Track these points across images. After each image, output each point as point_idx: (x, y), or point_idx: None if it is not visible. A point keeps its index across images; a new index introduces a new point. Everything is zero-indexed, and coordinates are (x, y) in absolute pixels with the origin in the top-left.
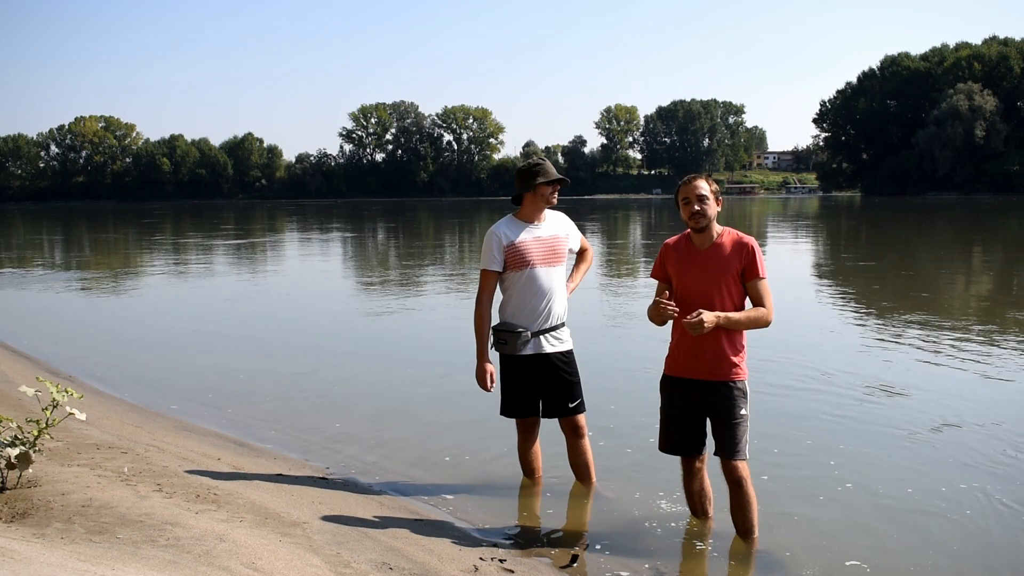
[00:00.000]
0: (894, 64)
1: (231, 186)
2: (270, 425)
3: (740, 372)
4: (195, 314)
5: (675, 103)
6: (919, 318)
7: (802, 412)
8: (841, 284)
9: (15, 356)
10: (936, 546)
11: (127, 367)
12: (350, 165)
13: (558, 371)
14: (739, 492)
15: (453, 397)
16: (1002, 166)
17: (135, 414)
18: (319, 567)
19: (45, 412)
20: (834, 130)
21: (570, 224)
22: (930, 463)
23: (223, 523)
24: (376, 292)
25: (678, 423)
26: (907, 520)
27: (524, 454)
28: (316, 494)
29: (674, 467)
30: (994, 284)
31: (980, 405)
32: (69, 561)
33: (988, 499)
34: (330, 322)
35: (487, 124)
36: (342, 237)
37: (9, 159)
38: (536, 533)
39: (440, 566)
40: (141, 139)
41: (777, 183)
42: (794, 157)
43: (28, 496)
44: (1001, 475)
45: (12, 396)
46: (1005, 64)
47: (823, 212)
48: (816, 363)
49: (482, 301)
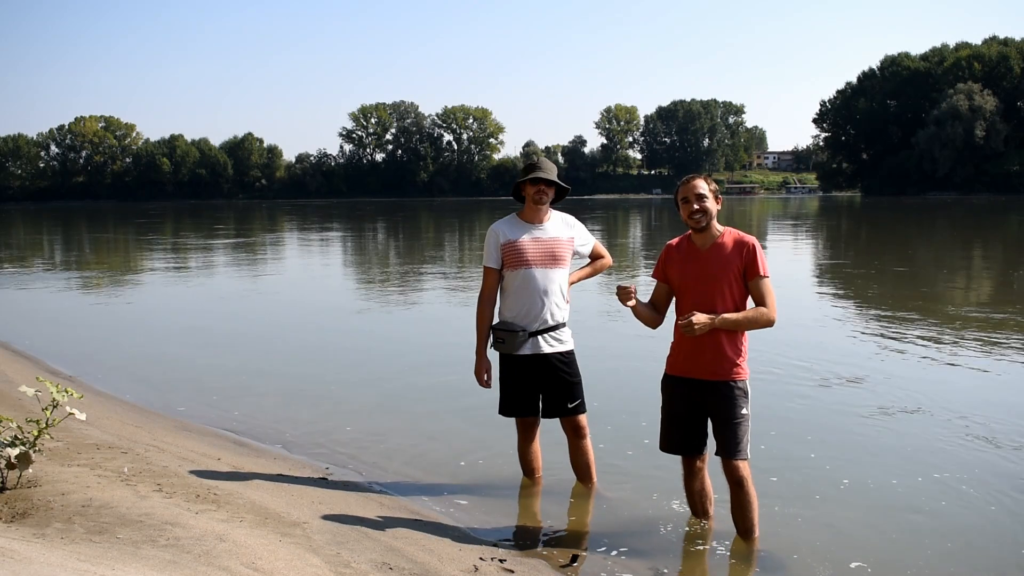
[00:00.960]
0: (894, 64)
1: (231, 186)
2: (270, 425)
3: (741, 372)
4: (194, 314)
5: (675, 103)
6: (918, 318)
7: (801, 411)
8: (841, 284)
9: (15, 356)
10: (936, 545)
11: (127, 367)
12: (350, 165)
13: (558, 371)
14: (740, 492)
15: (453, 397)
16: (1002, 166)
17: (135, 414)
18: (319, 567)
19: (45, 412)
20: (834, 130)
21: (578, 227)
22: (930, 462)
23: (223, 523)
24: (375, 291)
25: (679, 423)
26: (907, 519)
27: (524, 454)
28: (316, 494)
29: (674, 467)
30: (995, 284)
31: (981, 404)
32: (69, 561)
33: (989, 497)
34: (329, 321)
35: (487, 124)
36: (339, 237)
37: (9, 159)
38: (536, 533)
39: (440, 566)
40: (141, 139)
41: (777, 183)
42: (794, 157)
43: (28, 496)
44: (1005, 470)
45: (12, 396)
46: (1005, 64)
47: (822, 212)
48: (810, 361)
49: (482, 298)
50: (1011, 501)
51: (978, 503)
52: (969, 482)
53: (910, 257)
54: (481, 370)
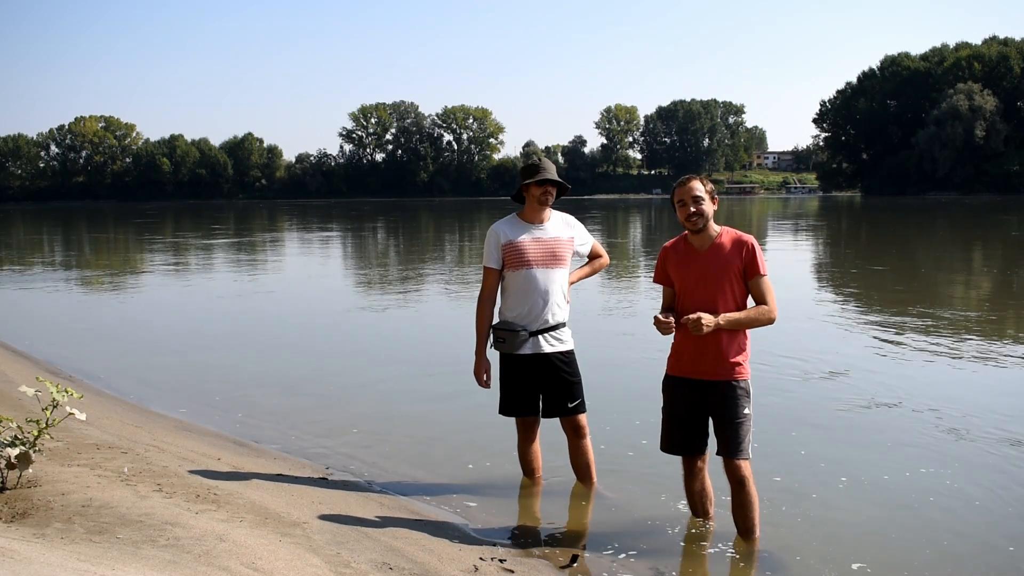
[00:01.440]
0: (894, 64)
1: (231, 186)
2: (270, 425)
3: (743, 371)
4: (194, 313)
5: (675, 103)
6: (917, 314)
7: (798, 409)
8: (840, 283)
9: (15, 356)
10: (937, 543)
11: (127, 367)
12: (350, 165)
13: (558, 371)
14: (741, 491)
15: (454, 397)
16: (1002, 166)
17: (135, 414)
18: (319, 567)
19: (45, 412)
20: (834, 130)
21: (577, 227)
22: (928, 459)
23: (223, 523)
24: (375, 291)
25: (680, 423)
26: (907, 518)
27: (524, 454)
28: (316, 494)
29: (675, 467)
30: (994, 283)
31: (980, 404)
32: (69, 561)
33: (990, 495)
34: (329, 321)
35: (487, 124)
36: (339, 237)
37: (9, 159)
38: (536, 533)
39: (440, 566)
40: (141, 139)
41: (777, 183)
42: (794, 157)
43: (28, 496)
44: (1002, 469)
45: (12, 396)
46: (1005, 64)
47: (822, 212)
48: (806, 359)
49: (483, 298)
50: (1012, 499)
51: (979, 502)
52: (969, 480)
53: (910, 256)
54: (481, 370)
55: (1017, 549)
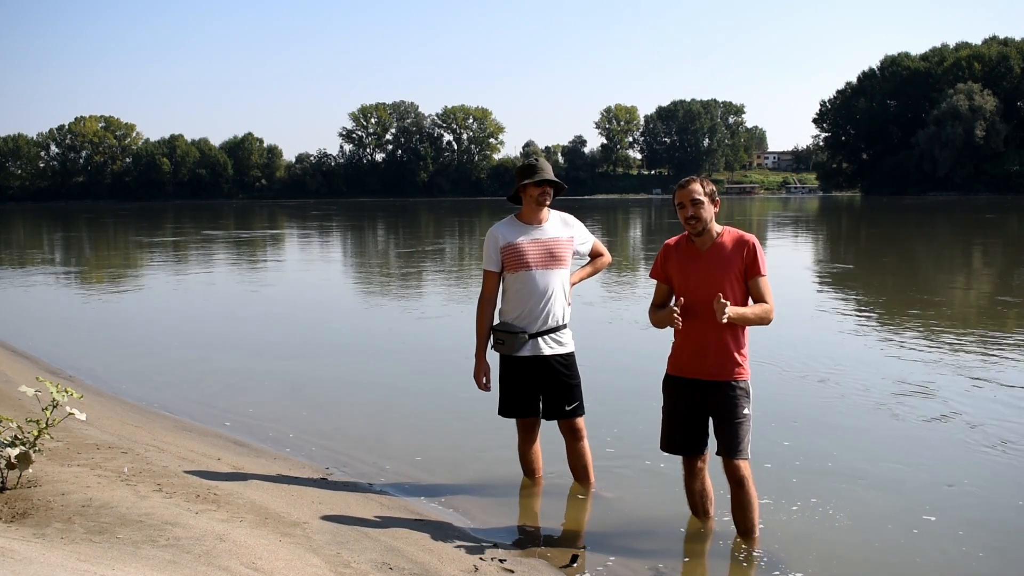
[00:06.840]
0: (894, 64)
1: (231, 186)
2: (270, 425)
3: (743, 372)
4: (194, 313)
5: (675, 103)
6: (918, 315)
7: (798, 409)
8: (840, 283)
9: (15, 356)
10: (938, 543)
11: (127, 367)
12: (350, 165)
13: (557, 374)
14: (740, 491)
15: (453, 397)
16: (1002, 166)
17: (135, 414)
18: (319, 567)
19: (45, 412)
20: (834, 130)
21: (577, 226)
22: (927, 458)
23: (223, 523)
24: (375, 292)
25: (680, 423)
26: (907, 518)
27: (524, 454)
28: (316, 494)
29: (675, 467)
30: (994, 284)
31: (980, 403)
32: (69, 561)
33: (992, 493)
34: (329, 321)
35: (487, 124)
36: (338, 237)
37: (9, 159)
38: (536, 533)
39: (440, 566)
40: (141, 139)
41: (777, 183)
42: (794, 157)
43: (28, 496)
44: (1005, 466)
45: (12, 396)
46: (1005, 64)
47: (822, 212)
48: (807, 359)
49: (482, 301)
50: (1014, 496)
51: (979, 501)
52: (970, 479)
53: (910, 256)
54: (480, 373)
55: (1020, 549)
